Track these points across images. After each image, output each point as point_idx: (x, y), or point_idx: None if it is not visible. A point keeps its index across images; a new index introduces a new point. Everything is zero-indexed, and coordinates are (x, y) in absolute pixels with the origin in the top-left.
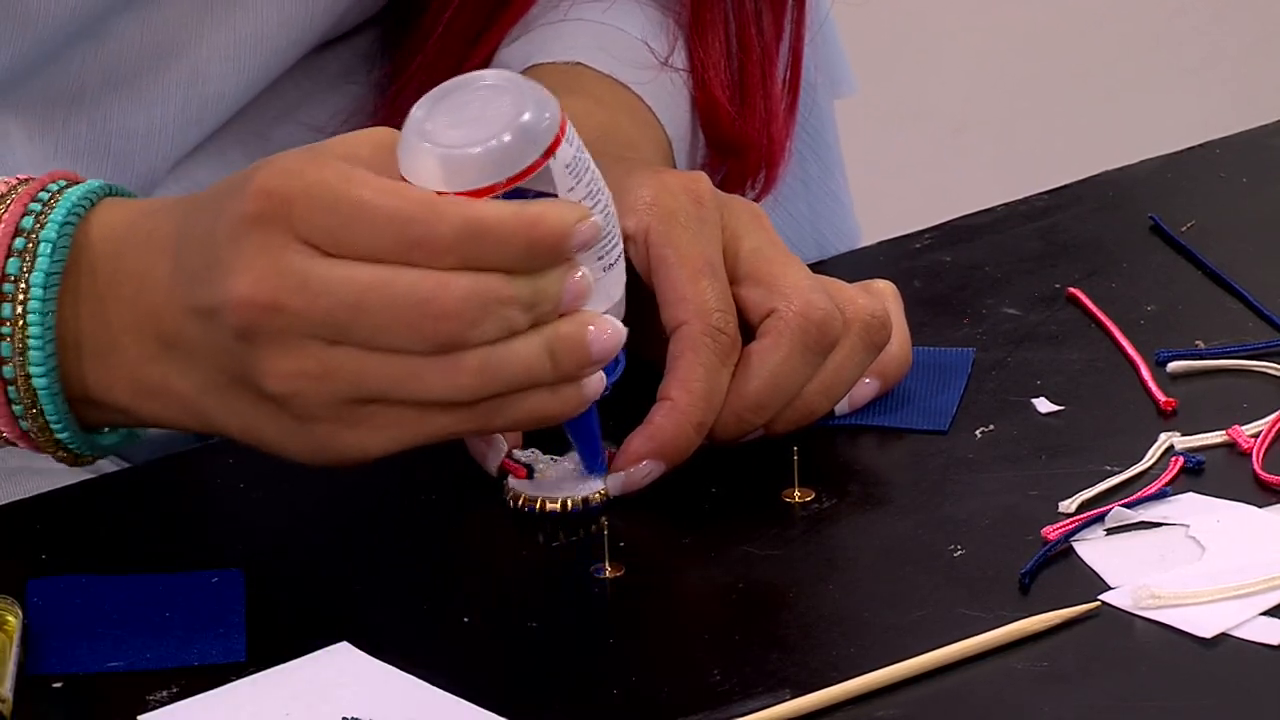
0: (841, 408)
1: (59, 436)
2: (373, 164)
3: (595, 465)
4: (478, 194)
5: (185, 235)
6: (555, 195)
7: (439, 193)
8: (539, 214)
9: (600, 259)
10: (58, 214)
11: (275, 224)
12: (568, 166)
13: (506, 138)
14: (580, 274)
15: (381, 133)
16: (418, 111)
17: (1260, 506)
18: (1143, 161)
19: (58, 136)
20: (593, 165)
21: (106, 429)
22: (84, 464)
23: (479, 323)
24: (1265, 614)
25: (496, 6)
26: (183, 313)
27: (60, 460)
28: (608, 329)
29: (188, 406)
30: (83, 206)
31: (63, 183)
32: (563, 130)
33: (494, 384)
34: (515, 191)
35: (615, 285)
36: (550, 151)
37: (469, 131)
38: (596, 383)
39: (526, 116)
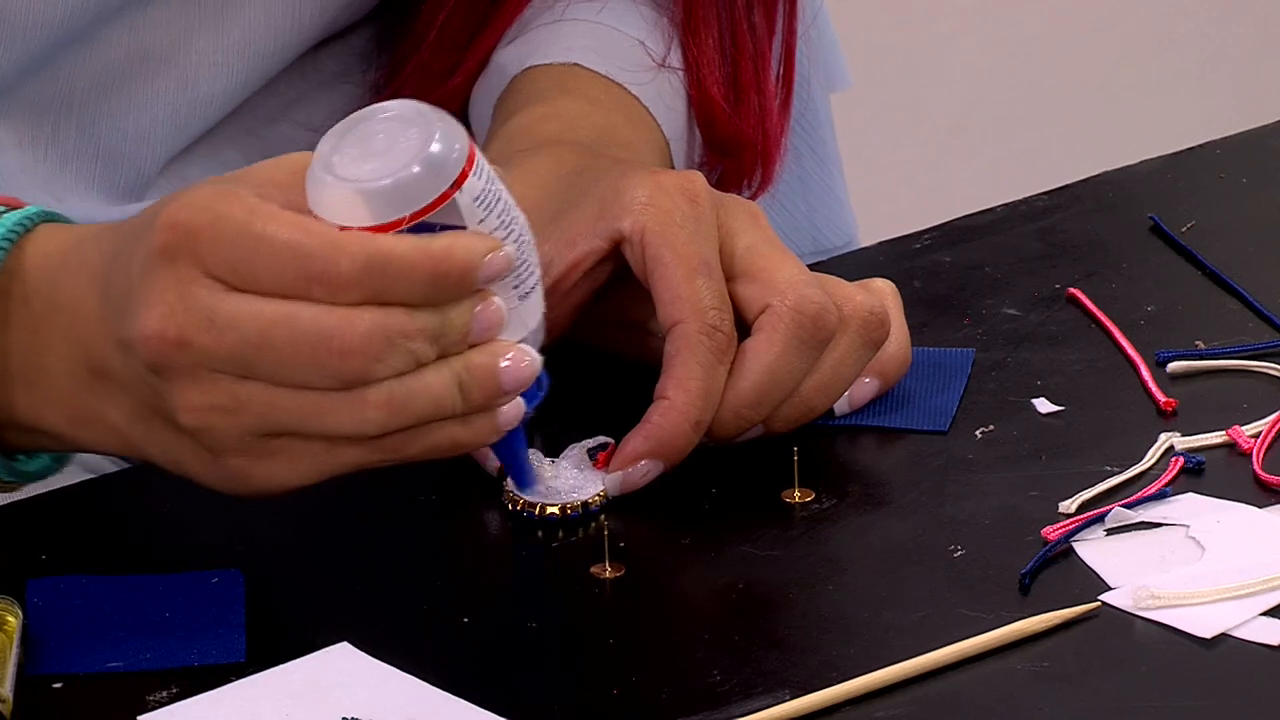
0: (841, 407)
1: None
2: (292, 191)
3: (523, 484)
4: (383, 229)
5: (112, 265)
6: (464, 227)
7: (344, 227)
8: (445, 248)
9: (515, 288)
10: None
11: (182, 258)
12: (476, 199)
13: (413, 171)
14: (492, 304)
15: (303, 159)
16: (324, 145)
17: (1260, 507)
18: (1143, 162)
19: (47, 142)
20: (505, 195)
21: (33, 455)
22: (6, 490)
23: (383, 358)
24: (1265, 614)
25: (490, 7)
26: (109, 344)
27: None
28: (523, 359)
29: (119, 435)
30: (16, 232)
31: (2, 208)
32: (470, 162)
33: (401, 418)
34: (422, 225)
35: (531, 314)
36: (458, 184)
37: (375, 165)
38: (512, 410)
39: (433, 149)
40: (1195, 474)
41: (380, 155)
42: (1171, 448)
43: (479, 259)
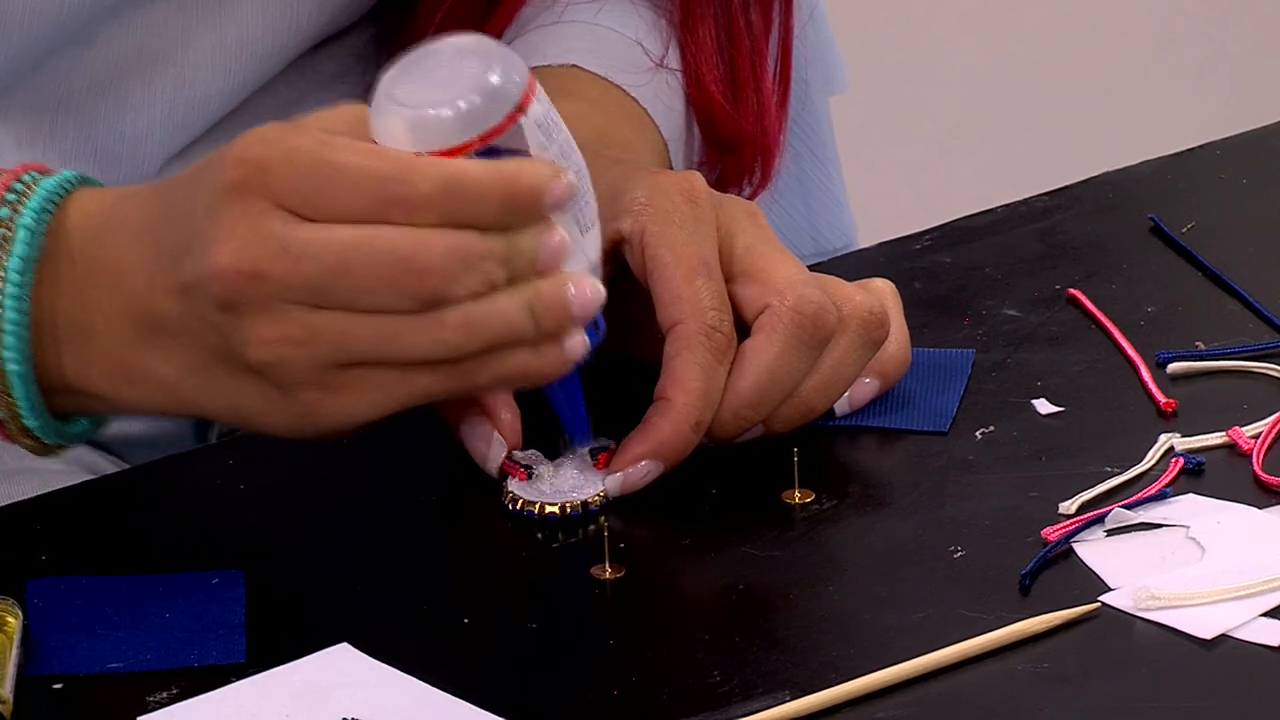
0: (842, 408)
1: (28, 424)
2: (346, 135)
3: (580, 431)
4: (451, 153)
5: (166, 215)
6: (528, 154)
7: (415, 153)
8: (515, 170)
9: (576, 221)
10: (34, 201)
11: (253, 191)
12: (539, 125)
13: (476, 96)
14: (557, 233)
15: (355, 108)
16: (386, 78)
17: (1260, 508)
18: (1143, 163)
19: (45, 142)
20: (565, 127)
21: (74, 419)
22: (51, 454)
23: (460, 278)
24: (1265, 615)
25: (488, 8)
26: (164, 293)
27: (27, 449)
28: (587, 288)
29: (169, 390)
30: (59, 194)
31: (36, 174)
32: (532, 89)
33: (476, 340)
34: (488, 151)
35: (592, 247)
36: (521, 108)
37: (439, 93)
38: (579, 344)
39: (495, 76)
40: (1195, 475)
41: (444, 84)
42: (1171, 448)
43: (545, 182)
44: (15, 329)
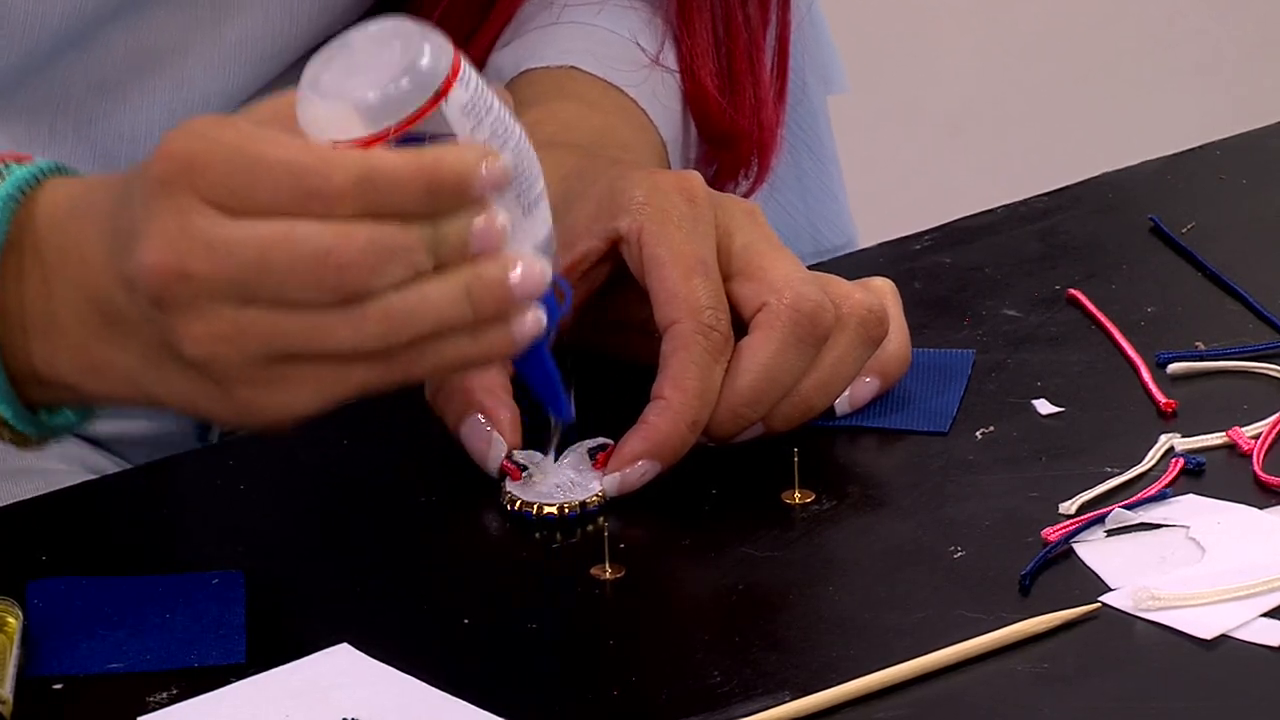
0: (842, 407)
1: (1, 413)
2: (289, 124)
3: (559, 410)
4: (371, 141)
5: (119, 204)
6: (454, 138)
7: (336, 144)
8: (436, 158)
9: (519, 198)
10: (2, 191)
11: (180, 186)
12: (464, 108)
13: (396, 82)
14: (491, 215)
15: (285, 96)
16: (310, 67)
17: (1260, 508)
18: (1143, 163)
19: (44, 144)
20: (498, 106)
21: (56, 410)
22: (32, 447)
23: (381, 270)
24: (1265, 615)
25: (485, 9)
26: (115, 285)
27: (9, 441)
28: (532, 267)
29: (130, 381)
30: (29, 184)
31: (11, 163)
32: (455, 72)
33: (403, 331)
34: (411, 137)
35: (538, 224)
36: (442, 94)
37: (360, 80)
38: (531, 323)
39: (415, 60)
40: (1195, 475)
41: (365, 70)
42: (1172, 449)
43: (471, 168)
44: None
